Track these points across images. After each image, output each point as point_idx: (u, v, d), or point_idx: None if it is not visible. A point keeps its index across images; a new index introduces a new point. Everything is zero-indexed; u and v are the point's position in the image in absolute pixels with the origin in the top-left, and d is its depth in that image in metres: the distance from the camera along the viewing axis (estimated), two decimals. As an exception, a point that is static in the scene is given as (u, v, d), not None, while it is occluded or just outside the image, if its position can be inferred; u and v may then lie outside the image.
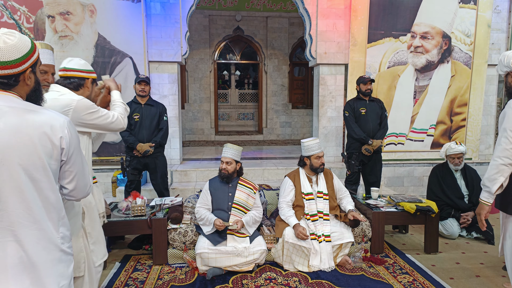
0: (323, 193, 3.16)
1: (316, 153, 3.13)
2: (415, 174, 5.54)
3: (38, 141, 1.18)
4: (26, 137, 1.16)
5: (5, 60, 1.16)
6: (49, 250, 1.22)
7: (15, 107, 1.17)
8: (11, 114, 1.15)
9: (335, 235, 3.02)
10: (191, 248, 3.05)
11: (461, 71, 5.44)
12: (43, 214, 1.20)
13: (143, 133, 3.73)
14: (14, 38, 1.19)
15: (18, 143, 1.15)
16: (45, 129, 1.20)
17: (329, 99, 5.42)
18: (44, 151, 1.19)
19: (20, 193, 1.16)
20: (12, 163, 1.14)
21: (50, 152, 1.21)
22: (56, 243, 1.24)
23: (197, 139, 9.55)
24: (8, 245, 1.14)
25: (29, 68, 1.23)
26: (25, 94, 1.24)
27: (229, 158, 3.06)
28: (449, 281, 2.80)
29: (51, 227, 1.23)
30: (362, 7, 5.14)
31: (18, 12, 4.65)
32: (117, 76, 4.94)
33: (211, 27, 9.38)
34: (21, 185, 1.15)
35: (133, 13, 4.85)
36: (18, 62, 1.18)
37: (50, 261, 1.21)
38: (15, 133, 1.15)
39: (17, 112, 1.16)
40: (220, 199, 3.05)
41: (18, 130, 1.15)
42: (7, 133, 1.14)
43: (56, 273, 1.23)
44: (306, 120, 10.11)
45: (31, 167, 1.17)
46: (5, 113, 1.15)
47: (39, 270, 1.18)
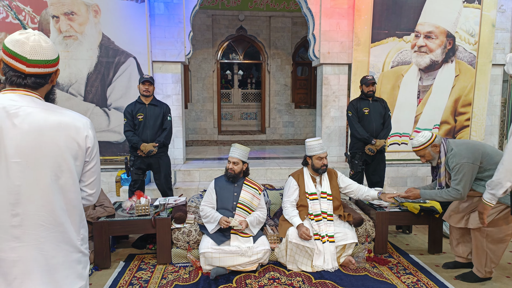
0: (327, 193, 3.16)
1: (318, 153, 3.12)
2: (419, 174, 5.52)
3: (64, 142, 1.18)
4: (51, 139, 1.16)
5: (49, 59, 1.20)
6: (69, 252, 1.22)
7: (38, 108, 1.17)
8: (36, 115, 1.15)
9: (339, 236, 3.02)
10: (195, 248, 3.06)
11: (465, 71, 5.42)
12: (66, 217, 1.21)
13: (147, 133, 3.74)
14: (48, 39, 1.23)
15: (44, 144, 1.14)
16: (70, 131, 1.20)
17: (332, 99, 5.42)
18: (70, 153, 1.19)
19: (45, 195, 1.15)
20: (38, 165, 1.14)
21: (76, 153, 1.21)
22: (76, 245, 1.24)
23: (200, 139, 9.57)
24: (31, 248, 1.13)
25: (58, 69, 1.29)
26: (44, 94, 1.26)
27: (236, 158, 3.07)
28: (453, 281, 2.80)
29: (73, 229, 1.23)
30: (366, 7, 5.12)
31: (23, 12, 4.68)
32: (121, 76, 4.96)
33: (214, 26, 9.38)
34: (47, 187, 1.15)
35: (137, 13, 4.87)
36: (56, 62, 1.24)
37: (69, 262, 1.22)
38: (41, 135, 1.14)
39: (41, 113, 1.16)
40: (225, 198, 3.06)
41: (43, 131, 1.15)
42: (33, 134, 1.13)
43: (74, 274, 1.24)
44: (309, 120, 10.10)
45: (57, 169, 1.17)
46: (29, 114, 1.14)
47: (58, 272, 1.19)
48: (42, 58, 1.18)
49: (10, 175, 1.10)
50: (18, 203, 1.11)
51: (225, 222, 2.88)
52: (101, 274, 2.91)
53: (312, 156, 3.14)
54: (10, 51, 1.15)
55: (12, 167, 1.10)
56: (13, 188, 1.10)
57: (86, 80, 4.90)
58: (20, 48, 1.15)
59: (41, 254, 1.15)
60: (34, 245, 1.14)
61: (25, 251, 1.13)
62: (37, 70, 1.18)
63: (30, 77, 1.18)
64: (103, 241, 2.99)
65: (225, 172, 3.14)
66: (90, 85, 4.93)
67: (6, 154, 1.09)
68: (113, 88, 4.97)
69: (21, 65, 1.16)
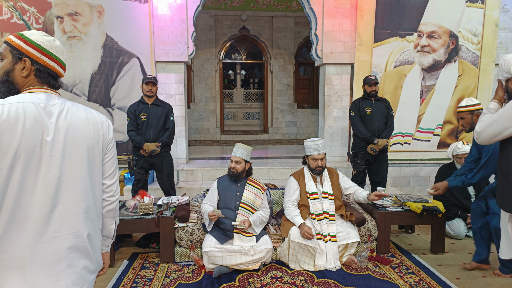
0: (328, 193, 3.17)
1: (312, 154, 3.13)
2: (421, 174, 5.51)
3: (94, 136, 1.27)
4: (84, 133, 1.24)
5: (63, 59, 1.30)
6: (99, 237, 1.33)
7: (67, 105, 1.25)
8: (69, 112, 1.22)
9: (341, 235, 3.02)
10: (198, 247, 3.07)
11: (468, 71, 5.41)
12: (97, 206, 1.30)
13: (149, 133, 3.77)
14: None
15: (78, 139, 1.22)
16: (97, 124, 1.29)
17: (334, 99, 5.42)
18: (98, 145, 1.29)
19: (83, 186, 1.22)
20: (75, 158, 1.21)
21: (101, 143, 1.30)
22: (99, 235, 1.35)
23: (202, 139, 9.60)
24: (67, 238, 1.18)
25: None
26: None
27: (238, 157, 3.09)
28: (456, 281, 2.80)
29: (98, 218, 1.32)
30: (369, 7, 5.13)
31: (28, 13, 4.72)
32: (125, 76, 4.99)
33: (217, 27, 9.41)
34: (83, 179, 1.22)
35: (140, 13, 4.90)
36: (65, 67, 1.35)
37: (98, 248, 1.33)
38: (75, 130, 1.22)
39: (71, 109, 1.24)
40: (228, 197, 3.07)
41: (77, 126, 1.22)
42: (69, 129, 1.20)
43: (100, 259, 1.36)
44: (311, 119, 10.11)
45: (91, 161, 1.26)
46: (63, 110, 1.21)
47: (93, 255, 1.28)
48: (59, 55, 1.29)
49: (51, 169, 1.15)
50: (58, 194, 1.16)
51: (211, 214, 2.89)
52: (105, 273, 2.93)
53: (308, 156, 3.17)
54: (52, 55, 1.24)
55: (52, 161, 1.15)
56: (54, 180, 1.15)
57: (90, 80, 4.94)
58: (61, 55, 1.28)
59: (79, 242, 1.21)
60: (70, 234, 1.19)
61: (63, 241, 1.17)
62: (51, 64, 1.27)
63: (60, 79, 1.31)
64: (107, 239, 3.01)
65: (228, 172, 3.15)
66: (94, 85, 4.96)
67: (47, 149, 1.15)
68: (116, 88, 5.00)
69: (61, 70, 1.29)
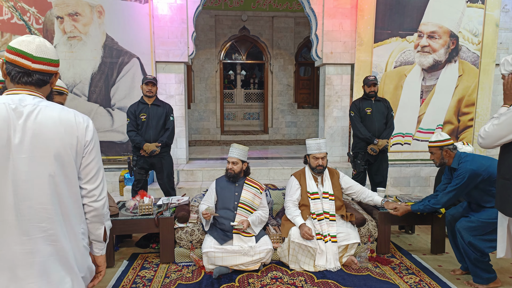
0: (328, 193, 3.16)
1: (314, 153, 3.14)
2: (422, 175, 5.51)
3: (66, 137, 1.22)
4: (54, 134, 1.20)
5: (53, 58, 1.28)
6: (77, 243, 1.28)
7: (41, 106, 1.23)
8: (40, 113, 1.20)
9: (341, 236, 3.02)
10: (198, 247, 3.07)
11: (469, 71, 5.40)
12: (71, 209, 1.25)
13: (149, 133, 3.77)
14: (51, 44, 1.31)
15: (48, 140, 1.19)
16: (72, 125, 1.24)
17: (335, 99, 5.42)
18: (71, 147, 1.23)
19: (52, 189, 1.19)
20: (44, 160, 1.18)
21: (75, 146, 1.25)
22: (79, 238, 1.30)
23: (203, 139, 9.59)
24: (38, 241, 1.16)
25: (58, 73, 1.34)
26: (46, 95, 1.32)
27: (235, 158, 3.09)
28: (456, 281, 2.79)
29: (76, 222, 1.28)
30: (369, 7, 5.12)
31: (28, 13, 4.72)
32: (125, 76, 5.00)
33: (217, 27, 9.41)
34: (52, 181, 1.19)
35: (140, 14, 4.90)
36: (57, 63, 1.31)
37: (78, 252, 1.28)
38: (45, 131, 1.18)
39: (44, 110, 1.22)
40: (226, 198, 3.07)
41: (47, 127, 1.19)
42: (37, 130, 1.17)
43: (84, 264, 1.31)
44: (311, 120, 10.10)
45: (61, 163, 1.21)
46: (33, 112, 1.19)
47: (71, 260, 1.24)
48: (47, 56, 1.26)
49: (18, 171, 1.13)
50: (26, 197, 1.14)
51: (204, 214, 2.89)
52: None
53: (310, 155, 3.18)
54: (15, 50, 1.21)
55: (19, 163, 1.14)
56: (20, 183, 1.14)
57: (90, 80, 4.94)
58: (26, 47, 1.22)
59: (54, 245, 1.19)
60: (42, 237, 1.17)
61: (34, 244, 1.16)
62: (42, 67, 1.25)
63: (35, 74, 1.24)
64: (106, 240, 3.01)
65: (225, 173, 3.15)
66: (94, 85, 4.96)
67: (14, 150, 1.13)
68: (116, 88, 5.00)
69: (27, 62, 1.22)
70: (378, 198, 3.27)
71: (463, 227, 2.72)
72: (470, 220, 2.71)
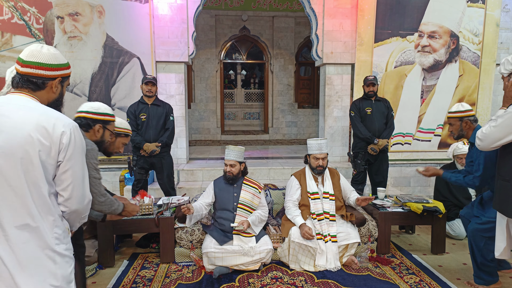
0: (329, 193, 3.16)
1: (314, 153, 3.13)
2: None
3: (38, 136, 1.20)
4: (27, 133, 1.19)
5: (41, 61, 1.31)
6: (40, 250, 1.21)
7: (27, 106, 1.25)
8: (22, 112, 1.22)
9: (341, 236, 3.02)
10: (198, 247, 3.07)
11: (469, 71, 5.40)
12: (36, 212, 1.21)
13: (149, 133, 3.77)
14: (55, 51, 1.37)
15: (21, 138, 1.18)
16: (47, 125, 1.21)
17: (335, 99, 5.41)
18: (42, 147, 1.20)
19: (17, 189, 1.18)
20: (14, 158, 1.18)
21: (48, 149, 1.21)
22: (48, 244, 1.23)
23: (203, 139, 9.59)
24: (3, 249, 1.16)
25: (59, 78, 1.36)
26: (47, 101, 1.34)
27: (232, 160, 3.06)
28: (456, 281, 2.79)
29: (46, 227, 1.23)
30: (369, 7, 5.12)
31: (28, 13, 4.72)
32: (125, 76, 4.99)
33: (218, 27, 9.40)
34: (20, 181, 1.18)
35: (140, 13, 4.90)
36: (51, 67, 1.33)
37: (38, 259, 1.21)
38: (21, 129, 1.19)
39: (27, 110, 1.24)
40: (225, 199, 3.07)
41: (24, 126, 1.19)
42: (14, 128, 1.19)
43: (45, 273, 1.22)
44: (312, 119, 10.10)
45: (29, 164, 1.19)
46: (17, 110, 1.23)
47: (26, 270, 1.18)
48: (35, 60, 1.30)
49: None
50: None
51: (183, 208, 2.86)
52: (105, 273, 2.93)
53: (310, 155, 3.17)
54: (17, 58, 1.33)
55: None
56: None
57: (90, 80, 4.94)
58: (22, 53, 1.32)
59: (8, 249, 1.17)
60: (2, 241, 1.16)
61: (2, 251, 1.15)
62: (29, 71, 1.30)
63: (23, 77, 1.30)
64: (107, 240, 3.01)
65: (224, 176, 3.13)
66: (94, 85, 4.96)
67: None
68: (117, 88, 5.00)
69: (17, 66, 1.31)
70: (353, 198, 3.22)
71: (475, 229, 2.61)
72: (482, 222, 2.58)
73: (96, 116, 2.01)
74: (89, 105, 2.05)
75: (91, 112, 2.01)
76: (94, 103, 2.07)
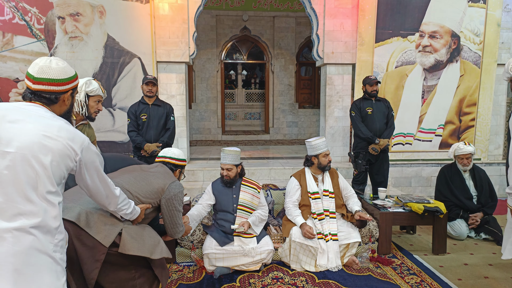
0: (329, 191, 3.16)
1: (324, 151, 3.13)
2: (423, 175, 5.50)
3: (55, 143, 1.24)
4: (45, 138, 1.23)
5: (53, 77, 1.34)
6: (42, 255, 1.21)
7: (45, 115, 1.29)
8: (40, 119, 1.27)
9: (342, 235, 3.02)
10: (199, 247, 3.07)
11: (470, 71, 5.39)
12: (48, 217, 1.22)
13: (150, 133, 3.77)
14: (63, 63, 1.40)
15: (38, 142, 1.22)
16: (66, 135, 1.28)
17: (336, 99, 5.41)
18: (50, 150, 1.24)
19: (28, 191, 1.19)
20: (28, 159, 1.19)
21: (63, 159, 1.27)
22: (47, 249, 1.23)
23: (204, 139, 9.60)
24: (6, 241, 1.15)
25: (70, 91, 1.41)
26: (59, 113, 1.38)
27: (229, 165, 3.01)
28: (457, 282, 2.79)
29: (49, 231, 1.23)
30: (370, 7, 5.11)
31: (29, 14, 4.73)
32: (126, 76, 5.00)
33: (218, 27, 9.41)
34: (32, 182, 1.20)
35: (141, 14, 4.90)
36: (63, 82, 1.37)
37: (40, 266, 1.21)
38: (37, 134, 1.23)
39: (45, 118, 1.28)
40: (224, 201, 3.04)
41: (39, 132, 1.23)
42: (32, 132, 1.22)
43: (43, 281, 1.21)
44: (312, 120, 10.10)
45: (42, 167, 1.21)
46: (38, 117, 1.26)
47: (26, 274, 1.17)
48: (47, 76, 1.33)
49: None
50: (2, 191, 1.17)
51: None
52: (106, 273, 2.93)
53: (319, 155, 3.13)
54: (26, 73, 1.35)
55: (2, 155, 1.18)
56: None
57: (91, 80, 4.94)
58: (31, 69, 1.34)
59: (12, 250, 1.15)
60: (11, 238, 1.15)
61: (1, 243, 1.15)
62: (41, 87, 1.33)
63: (36, 93, 1.33)
64: (108, 240, 3.01)
65: (221, 179, 3.09)
66: (95, 86, 4.96)
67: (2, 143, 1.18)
68: (118, 88, 5.01)
69: (29, 82, 1.34)
70: (354, 208, 3.17)
71: None
72: None
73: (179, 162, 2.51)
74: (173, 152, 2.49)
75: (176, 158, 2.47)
76: (175, 150, 2.51)
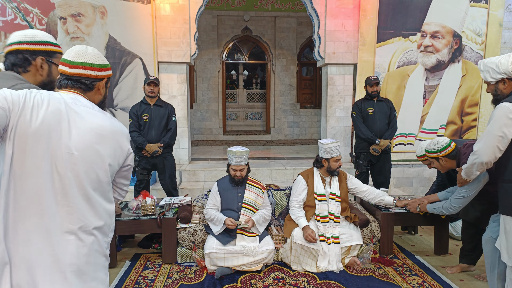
0: (335, 195, 3.14)
1: (336, 156, 3.09)
2: (425, 175, 5.48)
3: (112, 145, 1.24)
4: (109, 139, 1.23)
5: (89, 62, 1.27)
6: (99, 255, 1.23)
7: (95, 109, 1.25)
8: (99, 116, 1.23)
9: (344, 237, 3.01)
10: (200, 248, 3.07)
11: (472, 71, 5.37)
12: (106, 217, 1.24)
13: (152, 134, 3.77)
14: (99, 52, 1.33)
15: (101, 144, 1.20)
16: (118, 135, 1.28)
17: (337, 99, 5.40)
18: (110, 154, 1.24)
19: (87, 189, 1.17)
20: (88, 160, 1.17)
21: (115, 155, 1.27)
22: (103, 248, 1.25)
23: (205, 139, 9.60)
24: (70, 243, 1.13)
25: (105, 79, 1.34)
26: (94, 102, 1.32)
27: (242, 165, 3.05)
28: (459, 283, 2.78)
29: (106, 231, 1.25)
30: (372, 7, 5.11)
31: (31, 14, 4.74)
32: (127, 77, 5.01)
33: (220, 27, 9.41)
34: (89, 182, 1.17)
35: (143, 14, 4.91)
36: (99, 67, 1.30)
37: (97, 265, 1.22)
38: (94, 133, 1.19)
39: (102, 115, 1.26)
40: (229, 199, 3.07)
41: (103, 131, 1.22)
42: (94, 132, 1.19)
43: (98, 278, 1.23)
44: (314, 120, 10.08)
45: (98, 167, 1.20)
46: (94, 114, 1.22)
47: (87, 274, 1.18)
48: (83, 60, 1.27)
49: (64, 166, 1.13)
50: (66, 194, 1.13)
51: (230, 223, 2.89)
52: (107, 273, 2.93)
53: (330, 159, 3.09)
54: (61, 60, 1.29)
55: (67, 158, 1.13)
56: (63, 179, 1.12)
57: (92, 80, 4.95)
58: (67, 54, 1.28)
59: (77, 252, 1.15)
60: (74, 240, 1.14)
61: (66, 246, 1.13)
62: (78, 71, 1.26)
63: (72, 78, 1.26)
64: (109, 240, 3.02)
65: (231, 179, 3.10)
66: (96, 86, 4.97)
67: (65, 145, 1.13)
68: (119, 89, 5.01)
69: (65, 67, 1.26)
70: (389, 198, 3.23)
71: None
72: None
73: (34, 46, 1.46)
74: (22, 34, 1.47)
75: (26, 41, 1.45)
76: (26, 31, 1.49)
